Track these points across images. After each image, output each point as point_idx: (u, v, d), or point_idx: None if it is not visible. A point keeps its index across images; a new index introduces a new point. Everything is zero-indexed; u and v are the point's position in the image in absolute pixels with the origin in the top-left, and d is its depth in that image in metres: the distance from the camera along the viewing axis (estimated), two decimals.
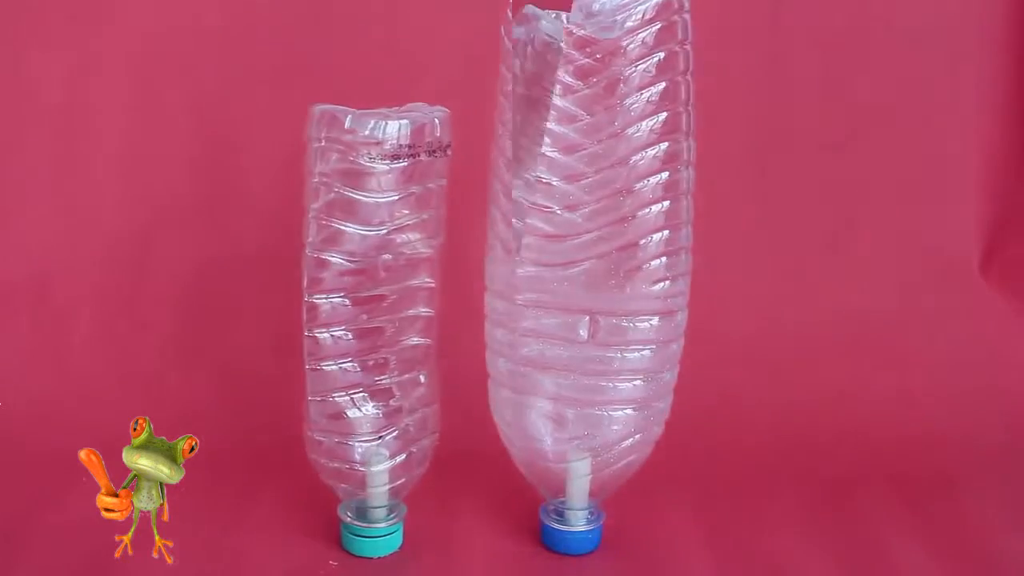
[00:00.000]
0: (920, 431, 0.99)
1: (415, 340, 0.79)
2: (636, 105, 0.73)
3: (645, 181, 0.74)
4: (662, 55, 0.73)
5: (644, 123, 0.73)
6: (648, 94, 0.73)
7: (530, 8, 0.75)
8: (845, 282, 1.08)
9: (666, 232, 0.75)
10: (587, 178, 0.74)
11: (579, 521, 0.82)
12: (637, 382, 0.77)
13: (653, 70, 0.73)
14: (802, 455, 0.96)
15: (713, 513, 0.88)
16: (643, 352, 0.77)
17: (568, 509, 0.81)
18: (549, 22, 0.74)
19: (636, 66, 0.72)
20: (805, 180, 1.08)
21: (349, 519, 0.80)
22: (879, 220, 1.09)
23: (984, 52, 1.09)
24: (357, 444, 0.79)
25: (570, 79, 0.72)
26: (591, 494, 0.81)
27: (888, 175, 1.08)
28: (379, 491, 0.80)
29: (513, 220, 0.75)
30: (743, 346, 1.05)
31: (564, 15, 0.74)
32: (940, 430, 0.99)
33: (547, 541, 0.82)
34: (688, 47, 0.74)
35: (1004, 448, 0.98)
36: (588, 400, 0.77)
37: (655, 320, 0.76)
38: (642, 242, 0.75)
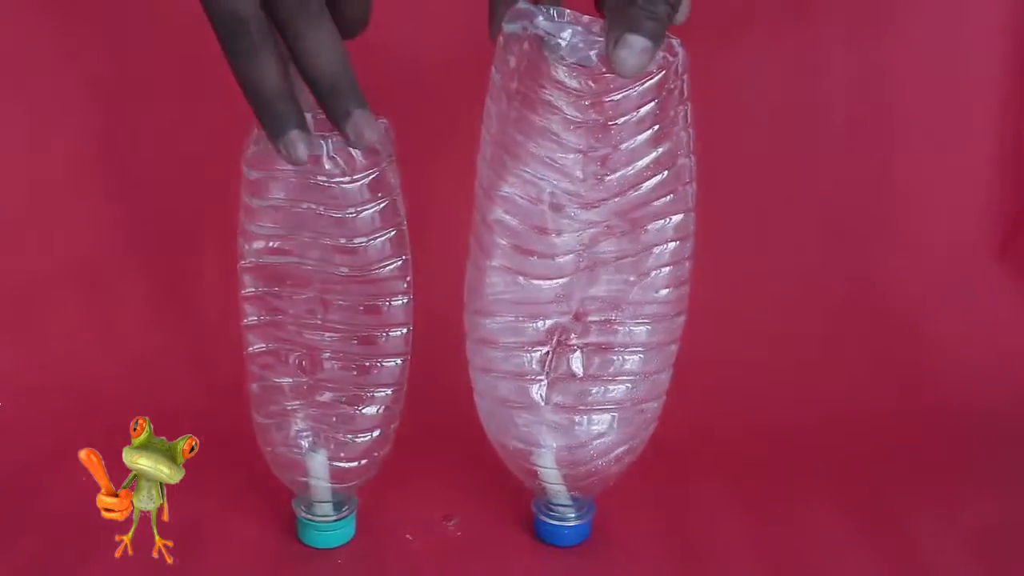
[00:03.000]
0: (938, 411, 1.01)
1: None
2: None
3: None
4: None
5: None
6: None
7: (524, 3, 0.75)
8: (864, 265, 1.08)
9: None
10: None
11: (568, 514, 0.82)
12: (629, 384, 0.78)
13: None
14: (821, 435, 0.97)
15: (729, 497, 0.89)
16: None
17: (554, 504, 0.83)
18: (544, 17, 0.74)
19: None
20: (824, 161, 1.08)
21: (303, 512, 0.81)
22: (898, 202, 1.09)
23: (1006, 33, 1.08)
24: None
25: (573, 112, 0.72)
26: (583, 490, 0.82)
27: (907, 157, 1.08)
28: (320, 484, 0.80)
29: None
30: (761, 327, 1.05)
31: (557, 11, 0.74)
32: (958, 411, 1.01)
33: (538, 532, 0.84)
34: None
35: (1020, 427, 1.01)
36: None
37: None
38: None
